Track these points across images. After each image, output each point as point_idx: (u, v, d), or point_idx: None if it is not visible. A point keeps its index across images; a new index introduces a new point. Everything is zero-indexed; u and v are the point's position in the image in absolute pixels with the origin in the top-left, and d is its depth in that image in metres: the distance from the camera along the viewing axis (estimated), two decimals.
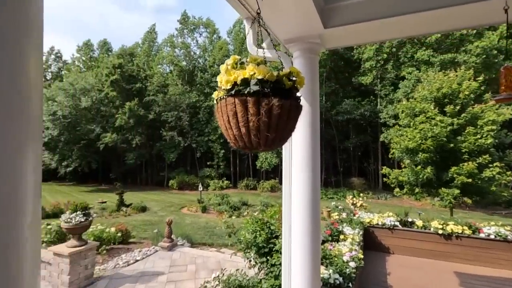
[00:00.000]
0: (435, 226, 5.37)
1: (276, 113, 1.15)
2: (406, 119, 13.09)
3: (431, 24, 2.33)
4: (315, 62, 2.34)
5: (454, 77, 11.81)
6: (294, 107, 1.23)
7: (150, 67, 37.62)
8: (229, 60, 1.26)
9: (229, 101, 1.18)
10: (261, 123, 1.14)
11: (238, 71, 1.19)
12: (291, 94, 1.24)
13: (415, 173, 11.11)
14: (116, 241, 7.78)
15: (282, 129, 1.21)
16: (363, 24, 2.15)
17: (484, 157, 10.27)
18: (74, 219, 4.84)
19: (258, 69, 1.16)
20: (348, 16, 2.11)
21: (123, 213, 13.98)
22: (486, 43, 18.17)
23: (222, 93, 1.23)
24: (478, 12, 2.01)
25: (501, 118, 10.95)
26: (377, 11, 2.11)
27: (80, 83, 32.43)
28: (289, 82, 1.24)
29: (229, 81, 1.18)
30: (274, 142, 1.22)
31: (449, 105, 11.40)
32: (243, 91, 1.15)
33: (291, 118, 1.23)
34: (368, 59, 25.32)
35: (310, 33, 2.18)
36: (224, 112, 1.22)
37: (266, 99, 1.14)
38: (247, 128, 1.17)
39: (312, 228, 2.52)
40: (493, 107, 11.43)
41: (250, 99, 1.13)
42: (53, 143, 30.80)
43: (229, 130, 1.24)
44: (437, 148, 11.12)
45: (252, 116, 1.14)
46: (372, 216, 6.14)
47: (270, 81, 1.17)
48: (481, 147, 10.49)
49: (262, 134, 1.17)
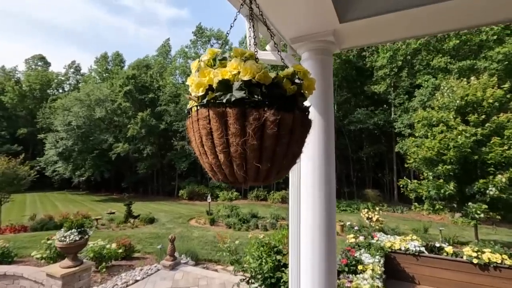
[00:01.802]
0: (469, 253, 4.69)
1: (271, 133, 0.75)
2: (423, 130, 12.38)
3: (472, 16, 1.90)
4: (329, 65, 1.94)
5: (478, 84, 11.10)
6: (300, 122, 0.83)
7: (163, 78, 38.21)
8: (205, 55, 0.88)
9: (202, 114, 0.79)
10: (247, 148, 0.75)
11: (215, 71, 0.81)
12: (295, 103, 0.84)
13: (436, 187, 10.33)
14: (118, 256, 7.45)
15: (281, 156, 0.81)
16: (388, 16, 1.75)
17: None
18: (68, 237, 4.54)
19: (245, 66, 0.77)
20: (370, 6, 1.72)
21: (130, 224, 13.73)
22: (508, 49, 17.29)
23: (193, 103, 0.85)
24: None
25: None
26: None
27: (96, 93, 33.16)
28: (292, 86, 0.85)
29: (201, 84, 0.79)
30: (269, 175, 0.82)
31: (472, 114, 10.67)
32: (221, 98, 0.76)
33: (296, 140, 0.82)
34: (381, 67, 24.68)
35: (323, 29, 1.79)
36: (196, 130, 0.83)
37: (256, 111, 0.75)
38: (226, 155, 0.78)
39: (326, 261, 2.07)
40: None
41: (231, 111, 0.75)
42: (67, 153, 31.35)
43: (203, 156, 0.85)
44: (460, 159, 10.36)
45: (234, 137, 0.75)
46: (393, 240, 5.46)
47: (263, 84, 0.78)
48: (509, 159, 9.68)
49: (249, 164, 0.77)
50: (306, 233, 1.99)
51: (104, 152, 32.41)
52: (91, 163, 32.06)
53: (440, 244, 5.21)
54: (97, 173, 33.02)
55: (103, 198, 29.84)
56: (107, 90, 34.58)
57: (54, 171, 33.55)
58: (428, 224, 14.61)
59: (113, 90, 34.74)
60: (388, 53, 23.62)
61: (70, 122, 30.96)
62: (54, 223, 12.88)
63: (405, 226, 15.13)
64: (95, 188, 37.00)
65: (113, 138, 32.70)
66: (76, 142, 31.19)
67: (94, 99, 32.98)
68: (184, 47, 39.01)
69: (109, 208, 18.58)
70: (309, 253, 2.06)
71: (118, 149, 30.72)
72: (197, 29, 38.30)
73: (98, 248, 6.61)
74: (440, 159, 10.64)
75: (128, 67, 39.92)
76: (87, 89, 34.80)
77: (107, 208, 19.93)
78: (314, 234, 1.94)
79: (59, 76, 51.06)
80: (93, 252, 6.49)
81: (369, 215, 12.85)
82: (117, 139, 32.78)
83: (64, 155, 31.32)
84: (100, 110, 32.41)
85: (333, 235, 2.03)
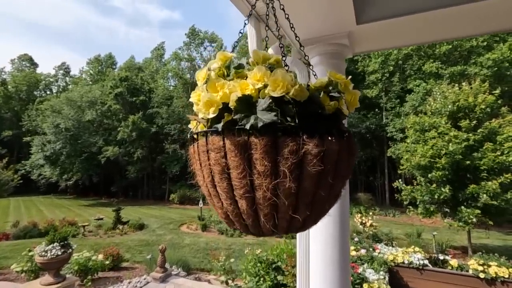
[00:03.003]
0: (474, 267, 4.54)
1: (314, 171, 0.54)
2: (415, 135, 12.40)
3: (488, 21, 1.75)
4: (342, 71, 1.75)
5: (469, 90, 11.19)
6: (347, 150, 0.62)
7: (155, 80, 37.66)
8: (215, 61, 0.66)
9: (214, 144, 0.57)
10: (280, 193, 0.54)
11: (231, 83, 0.59)
12: (338, 125, 0.63)
13: (430, 192, 10.32)
14: (105, 267, 7.07)
15: (324, 199, 0.59)
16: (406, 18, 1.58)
17: (506, 176, 9.48)
18: (50, 251, 4.20)
19: (274, 77, 0.56)
20: (390, 7, 1.53)
21: (119, 231, 13.24)
22: (497, 55, 17.62)
23: (201, 126, 0.63)
24: None
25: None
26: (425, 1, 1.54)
27: (86, 95, 32.37)
28: (333, 102, 0.64)
29: (212, 102, 0.57)
30: (306, 224, 0.61)
31: (464, 119, 10.73)
32: (242, 123, 0.54)
33: (342, 175, 0.61)
34: (373, 71, 24.91)
35: (338, 30, 1.59)
36: (204, 164, 0.60)
37: (292, 141, 0.54)
38: (250, 201, 0.56)
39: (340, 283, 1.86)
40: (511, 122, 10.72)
41: (258, 142, 0.53)
42: (55, 156, 30.40)
43: (214, 199, 0.62)
44: (453, 165, 10.38)
45: (262, 177, 0.53)
46: (395, 252, 5.25)
47: (298, 101, 0.57)
48: (501, 164, 9.72)
49: (282, 213, 0.56)
50: (317, 260, 1.77)
51: (93, 155, 31.58)
52: (80, 167, 31.18)
53: (444, 257, 5.05)
54: (86, 177, 32.15)
55: (91, 203, 28.99)
56: (98, 92, 33.82)
57: (40, 174, 32.51)
58: (421, 228, 14.63)
59: (103, 92, 33.99)
60: (380, 58, 23.87)
61: (59, 125, 30.06)
62: (39, 231, 12.31)
63: (398, 231, 15.13)
64: (83, 192, 35.99)
65: (102, 141, 31.93)
66: (64, 145, 30.30)
67: (85, 101, 32.20)
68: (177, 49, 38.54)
69: (97, 214, 17.98)
70: (321, 274, 1.84)
71: (107, 152, 29.98)
72: (191, 31, 37.89)
73: (83, 260, 6.22)
74: (433, 166, 10.64)
75: (120, 68, 39.22)
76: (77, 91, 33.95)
77: (95, 213, 19.31)
78: (326, 261, 1.72)
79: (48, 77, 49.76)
80: (77, 264, 6.10)
81: (362, 220, 12.75)
82: (107, 142, 32.03)
83: (51, 159, 30.36)
84: (90, 113, 31.65)
85: (346, 263, 1.82)
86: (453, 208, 10.59)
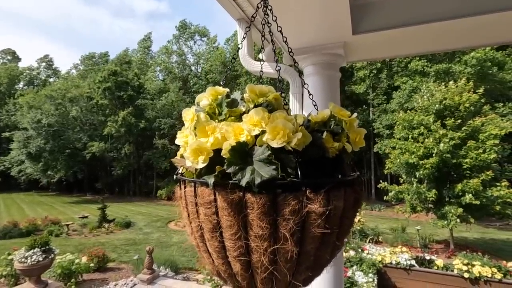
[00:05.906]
0: (459, 267, 4.68)
1: (317, 233, 0.48)
2: (403, 132, 12.59)
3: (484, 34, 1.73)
4: (336, 82, 1.69)
5: (455, 89, 11.42)
6: (353, 202, 0.56)
7: (144, 73, 36.75)
8: (204, 97, 0.58)
9: (203, 197, 0.50)
10: (280, 258, 0.47)
11: (224, 126, 0.52)
12: (342, 171, 0.57)
13: (418, 192, 10.57)
14: (90, 269, 6.88)
15: (325, 258, 0.54)
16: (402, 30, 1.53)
17: (487, 173, 9.79)
18: (30, 257, 4.01)
19: (274, 125, 0.49)
20: (387, 18, 1.48)
21: (105, 230, 12.93)
22: (480, 54, 18.09)
23: (189, 174, 0.55)
24: None
25: (503, 132, 10.55)
26: (425, 13, 1.50)
27: (70, 91, 31.22)
28: (337, 144, 0.58)
29: (201, 150, 0.50)
30: (306, 283, 0.55)
31: (449, 117, 10.97)
32: (237, 178, 0.47)
33: (345, 231, 0.55)
34: (361, 68, 25.11)
35: (333, 40, 1.53)
36: (193, 217, 0.53)
37: (294, 199, 0.47)
38: (245, 265, 0.49)
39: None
40: (493, 120, 11.05)
41: (255, 201, 0.46)
42: (37, 152, 29.31)
43: (204, 254, 0.56)
44: (439, 164, 10.63)
45: (259, 240, 0.47)
46: (384, 252, 5.35)
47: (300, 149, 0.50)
48: (483, 162, 10.02)
49: (282, 277, 0.49)
50: None
51: (77, 152, 30.67)
52: (63, 163, 30.23)
53: (430, 257, 5.17)
54: (70, 173, 31.22)
55: (76, 200, 28.23)
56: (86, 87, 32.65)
57: (21, 171, 31.35)
58: (405, 222, 14.99)
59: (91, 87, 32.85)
60: None
61: (40, 120, 28.92)
62: (19, 230, 11.88)
63: (383, 225, 15.46)
64: (67, 189, 34.96)
65: (87, 137, 31.02)
66: (47, 141, 29.24)
67: (68, 97, 31.06)
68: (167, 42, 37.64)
69: (81, 212, 17.51)
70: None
71: (93, 148, 29.16)
72: (181, 24, 37.04)
73: (66, 263, 6.01)
74: (420, 164, 10.83)
75: (110, 62, 37.94)
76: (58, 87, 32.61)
77: (79, 211, 18.80)
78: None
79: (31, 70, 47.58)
80: (61, 268, 5.88)
81: None
82: (92, 138, 31.14)
83: (33, 155, 29.26)
84: (75, 108, 30.62)
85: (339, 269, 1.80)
86: (438, 205, 10.88)
